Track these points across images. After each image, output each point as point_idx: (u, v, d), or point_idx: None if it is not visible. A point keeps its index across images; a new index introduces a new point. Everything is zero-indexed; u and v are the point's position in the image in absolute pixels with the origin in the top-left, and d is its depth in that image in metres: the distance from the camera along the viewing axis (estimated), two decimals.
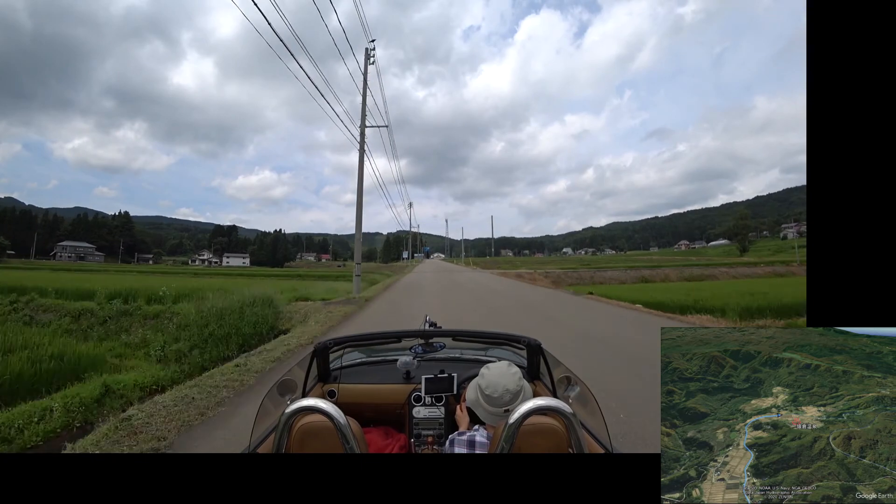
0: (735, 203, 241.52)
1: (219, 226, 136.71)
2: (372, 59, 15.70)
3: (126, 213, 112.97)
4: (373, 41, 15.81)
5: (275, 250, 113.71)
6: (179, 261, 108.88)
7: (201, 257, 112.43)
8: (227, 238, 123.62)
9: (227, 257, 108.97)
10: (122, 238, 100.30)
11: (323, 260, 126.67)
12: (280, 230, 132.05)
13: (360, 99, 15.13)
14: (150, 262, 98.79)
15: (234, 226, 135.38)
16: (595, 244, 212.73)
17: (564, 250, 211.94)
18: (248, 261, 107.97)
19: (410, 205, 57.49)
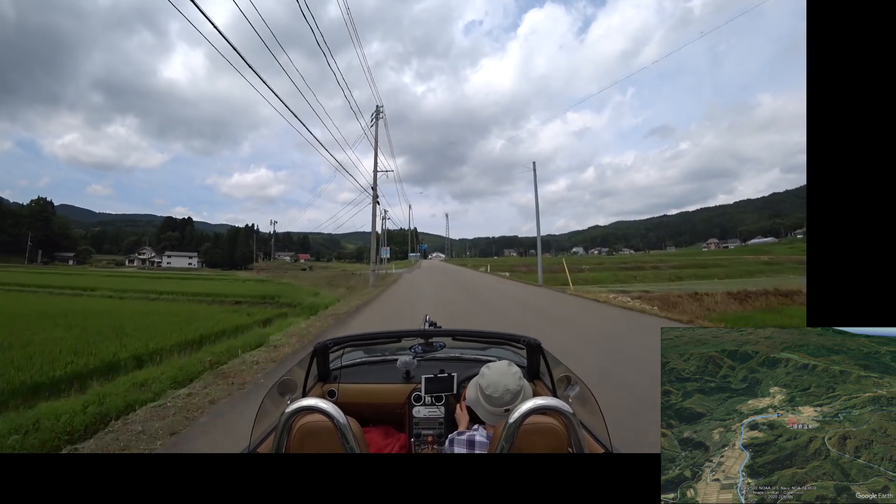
0: (749, 201, 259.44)
1: (170, 218, 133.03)
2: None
3: (43, 199, 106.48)
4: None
5: (233, 249, 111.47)
6: (114, 261, 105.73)
7: (140, 256, 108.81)
8: (179, 233, 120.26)
9: (169, 256, 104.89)
10: (29, 231, 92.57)
11: (301, 260, 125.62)
12: (253, 225, 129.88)
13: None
14: (71, 262, 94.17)
15: (188, 218, 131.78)
16: (608, 243, 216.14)
17: (574, 250, 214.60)
18: (195, 261, 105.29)
19: (377, 112, 33.13)
